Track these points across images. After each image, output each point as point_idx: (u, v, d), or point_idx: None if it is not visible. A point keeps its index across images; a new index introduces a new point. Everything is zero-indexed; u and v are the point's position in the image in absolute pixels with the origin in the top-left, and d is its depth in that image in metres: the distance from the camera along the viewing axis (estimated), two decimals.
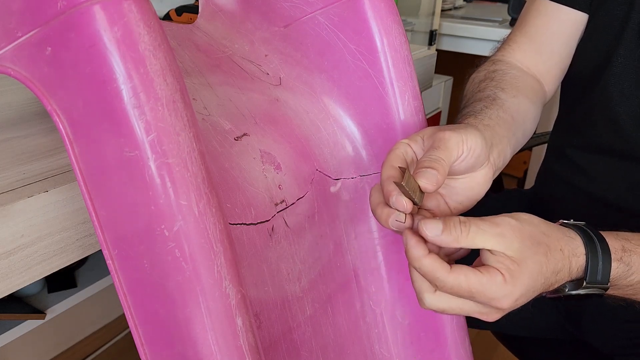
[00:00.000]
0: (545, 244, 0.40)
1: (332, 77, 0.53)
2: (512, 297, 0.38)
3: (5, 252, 0.36)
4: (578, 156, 0.67)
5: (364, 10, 0.49)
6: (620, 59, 0.59)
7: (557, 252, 0.41)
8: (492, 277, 0.38)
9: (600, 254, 0.42)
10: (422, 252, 0.38)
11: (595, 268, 0.42)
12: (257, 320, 0.43)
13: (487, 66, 0.64)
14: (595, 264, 0.42)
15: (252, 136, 0.47)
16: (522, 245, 0.39)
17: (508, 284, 0.38)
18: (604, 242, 0.43)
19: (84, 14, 0.29)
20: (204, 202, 0.32)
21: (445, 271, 0.38)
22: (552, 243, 0.41)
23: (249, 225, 0.43)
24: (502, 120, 0.51)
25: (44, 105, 0.32)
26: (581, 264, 0.42)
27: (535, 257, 0.39)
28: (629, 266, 0.43)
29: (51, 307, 1.11)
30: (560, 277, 0.41)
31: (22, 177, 0.39)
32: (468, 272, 0.38)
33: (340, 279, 0.53)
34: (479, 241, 0.38)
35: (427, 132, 0.44)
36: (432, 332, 0.56)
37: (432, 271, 0.38)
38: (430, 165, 0.40)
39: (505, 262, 0.38)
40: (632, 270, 0.43)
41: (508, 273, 0.38)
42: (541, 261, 0.39)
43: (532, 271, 0.39)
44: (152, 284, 0.33)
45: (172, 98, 0.31)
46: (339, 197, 0.53)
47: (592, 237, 0.43)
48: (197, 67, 0.50)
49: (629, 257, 0.43)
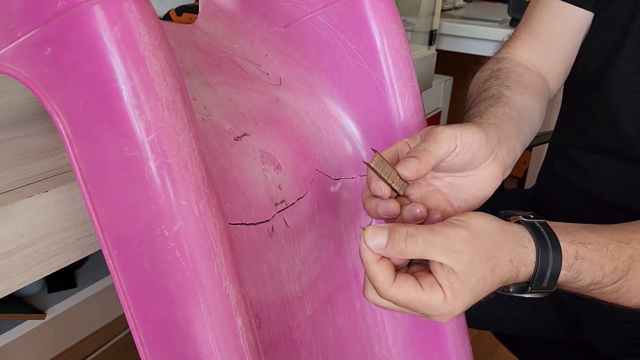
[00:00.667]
0: (495, 259, 0.39)
1: (332, 77, 0.53)
2: (450, 315, 0.38)
3: (5, 252, 0.36)
4: (579, 156, 0.67)
5: (364, 10, 0.49)
6: (624, 59, 0.59)
7: (506, 264, 0.40)
8: (433, 295, 0.37)
9: (551, 262, 0.41)
10: (370, 259, 0.38)
11: (543, 277, 0.41)
12: (257, 320, 0.43)
13: (492, 65, 0.65)
14: (543, 273, 0.41)
15: (252, 136, 0.47)
16: (471, 262, 0.38)
17: (448, 304, 0.37)
18: (557, 249, 0.42)
19: (84, 14, 0.29)
20: (204, 202, 0.32)
21: (387, 284, 0.38)
22: (503, 256, 0.40)
23: (249, 225, 0.43)
24: (508, 116, 0.51)
25: (44, 105, 0.32)
26: (529, 273, 0.41)
27: (481, 274, 0.38)
28: (578, 273, 0.42)
29: (51, 307, 1.11)
30: (505, 284, 0.41)
31: (22, 177, 0.39)
32: (409, 288, 0.38)
33: (340, 279, 0.53)
34: (427, 254, 0.37)
35: (426, 129, 0.44)
36: (432, 332, 0.56)
37: (374, 280, 0.38)
38: (413, 155, 0.40)
39: (450, 278, 0.37)
40: (580, 277, 0.43)
41: (450, 292, 0.37)
42: (486, 277, 0.39)
43: (475, 289, 0.38)
44: (152, 284, 0.33)
45: (172, 98, 0.31)
46: (339, 197, 0.53)
47: (546, 244, 0.42)
48: (197, 67, 0.50)
49: (579, 264, 0.42)
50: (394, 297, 0.38)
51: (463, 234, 0.38)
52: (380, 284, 0.38)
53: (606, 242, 0.44)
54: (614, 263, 0.43)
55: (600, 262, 0.43)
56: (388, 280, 0.38)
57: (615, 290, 0.44)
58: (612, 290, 0.44)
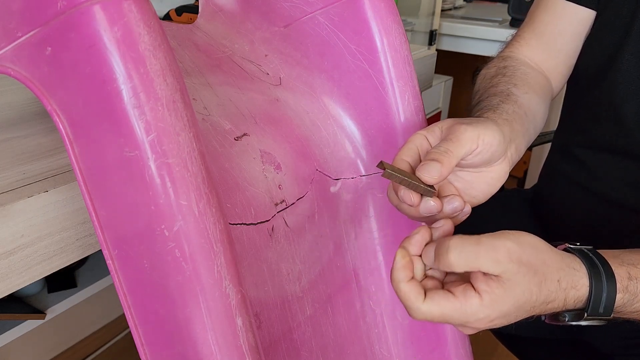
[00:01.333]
0: (543, 274, 0.39)
1: (332, 77, 0.53)
2: (487, 320, 0.38)
3: (5, 252, 0.36)
4: (582, 154, 0.66)
5: (364, 10, 0.49)
6: (627, 56, 0.59)
7: (553, 283, 0.39)
8: (466, 301, 0.37)
9: (605, 286, 0.40)
10: (402, 277, 0.38)
11: (598, 301, 0.40)
12: (257, 320, 0.43)
13: (497, 62, 0.65)
14: (599, 297, 0.40)
15: (252, 136, 0.47)
16: (517, 272, 0.37)
17: (485, 307, 0.37)
18: (609, 271, 0.41)
19: (84, 14, 0.29)
20: (204, 202, 0.32)
21: (418, 302, 0.38)
22: (550, 274, 0.39)
23: (249, 225, 0.43)
24: (517, 115, 0.51)
25: (44, 105, 0.32)
26: (580, 296, 0.40)
27: (526, 286, 0.38)
28: (634, 295, 0.41)
29: (51, 307, 1.11)
30: (551, 307, 0.40)
31: (22, 177, 0.39)
32: (441, 300, 0.37)
33: (340, 279, 0.53)
34: (474, 265, 0.37)
35: (446, 123, 0.43)
36: (432, 332, 0.56)
37: (405, 300, 0.38)
38: (435, 158, 0.39)
39: (492, 285, 0.37)
40: (637, 299, 0.42)
41: (489, 297, 0.37)
42: (532, 291, 0.38)
43: (519, 299, 0.38)
44: (152, 284, 0.33)
45: (172, 98, 0.31)
46: (339, 197, 0.53)
47: (597, 266, 0.41)
48: (197, 67, 0.50)
49: (634, 285, 0.41)
50: (428, 313, 0.37)
51: (510, 246, 0.38)
52: (412, 303, 0.38)
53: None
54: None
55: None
56: (419, 298, 0.38)
57: None
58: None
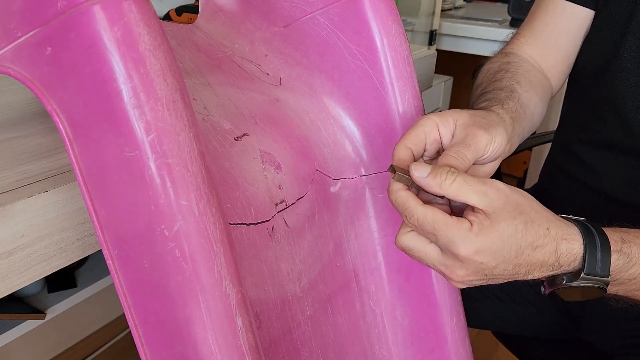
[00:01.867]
0: (529, 216, 0.40)
1: (332, 77, 0.53)
2: (471, 246, 0.38)
3: (5, 252, 0.36)
4: (583, 151, 0.66)
5: (364, 10, 0.49)
6: (626, 54, 0.59)
7: (541, 228, 0.40)
8: (459, 222, 0.38)
9: (599, 245, 0.41)
10: (399, 186, 0.40)
11: (594, 259, 0.41)
12: (257, 320, 0.43)
13: (500, 58, 0.65)
14: (594, 254, 0.41)
15: (252, 136, 0.47)
16: (503, 208, 0.39)
17: (472, 233, 0.38)
18: (602, 234, 0.42)
19: (84, 14, 0.29)
20: (204, 202, 0.32)
21: (417, 203, 0.39)
22: (539, 219, 0.40)
23: (249, 225, 0.43)
24: (518, 114, 0.52)
25: (44, 105, 0.32)
26: (574, 251, 0.41)
27: (511, 221, 0.39)
28: (629, 257, 0.42)
29: (51, 307, 1.11)
30: (542, 256, 0.40)
31: (22, 177, 0.39)
32: (437, 210, 0.39)
33: (340, 279, 0.53)
34: (462, 193, 0.38)
35: (462, 118, 0.43)
36: (432, 332, 0.56)
37: (404, 202, 0.39)
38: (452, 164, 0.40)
39: (479, 216, 0.38)
40: (632, 262, 0.42)
41: (478, 226, 0.38)
42: (517, 227, 0.39)
43: (503, 232, 0.38)
44: (152, 284, 0.33)
45: (172, 98, 0.31)
46: (339, 197, 0.53)
47: (590, 229, 0.42)
48: (197, 67, 0.50)
49: (628, 247, 0.42)
50: (422, 214, 0.39)
51: (500, 185, 0.39)
52: (411, 203, 0.39)
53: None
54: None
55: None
56: (418, 201, 0.39)
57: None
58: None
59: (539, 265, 0.40)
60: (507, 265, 0.39)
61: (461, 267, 0.40)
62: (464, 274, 0.40)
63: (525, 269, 0.40)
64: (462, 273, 0.40)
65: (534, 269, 0.40)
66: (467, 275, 0.40)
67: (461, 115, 0.43)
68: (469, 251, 0.38)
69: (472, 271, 0.40)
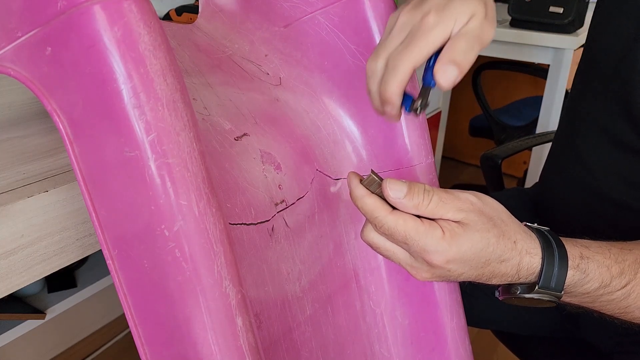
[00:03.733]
0: (501, 229, 0.40)
1: (332, 77, 0.53)
2: (444, 255, 0.38)
3: (5, 252, 0.36)
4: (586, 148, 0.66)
5: (364, 10, 0.49)
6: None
7: (510, 241, 0.40)
8: (431, 229, 0.38)
9: (557, 260, 0.41)
10: (364, 192, 0.39)
11: (550, 273, 0.41)
12: (257, 320, 0.43)
13: None
14: (550, 269, 0.41)
15: (252, 136, 0.47)
16: (478, 220, 0.39)
17: (445, 241, 0.38)
18: (562, 248, 0.42)
19: (84, 14, 0.29)
20: (204, 202, 0.32)
21: (386, 211, 0.38)
22: (508, 232, 0.40)
23: (249, 225, 0.43)
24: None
25: (44, 105, 0.32)
26: (534, 265, 0.41)
27: (484, 234, 0.39)
28: (585, 274, 0.42)
29: (51, 307, 1.11)
30: (505, 269, 0.41)
31: (22, 177, 0.39)
32: (408, 218, 0.38)
33: (340, 279, 0.53)
34: (438, 212, 0.38)
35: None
36: (432, 332, 0.56)
37: (372, 210, 0.39)
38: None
39: (452, 224, 0.38)
40: (588, 278, 0.42)
41: (450, 233, 0.38)
42: (490, 241, 0.39)
43: (476, 244, 0.39)
44: (152, 284, 0.33)
45: (172, 98, 0.31)
46: (339, 197, 0.53)
47: (551, 242, 0.42)
48: (197, 67, 0.50)
49: (586, 264, 0.42)
50: (393, 224, 0.38)
51: (473, 199, 0.40)
52: (380, 212, 0.38)
53: (607, 246, 0.44)
54: (620, 266, 0.43)
55: (605, 263, 0.43)
56: (387, 208, 0.39)
57: (625, 295, 0.44)
58: (622, 296, 0.44)
59: (501, 275, 0.41)
60: (472, 272, 0.41)
61: (428, 271, 0.41)
62: (429, 276, 0.41)
63: (487, 277, 0.41)
64: (428, 275, 0.41)
65: (495, 277, 0.42)
66: (432, 277, 0.41)
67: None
68: (440, 260, 0.39)
69: (438, 275, 0.41)
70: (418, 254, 0.39)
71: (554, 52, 1.40)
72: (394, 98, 0.40)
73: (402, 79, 0.40)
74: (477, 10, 0.40)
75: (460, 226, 0.38)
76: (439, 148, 1.80)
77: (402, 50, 0.39)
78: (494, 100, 1.98)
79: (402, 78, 0.40)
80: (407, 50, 0.39)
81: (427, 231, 0.38)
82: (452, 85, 0.39)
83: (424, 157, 0.53)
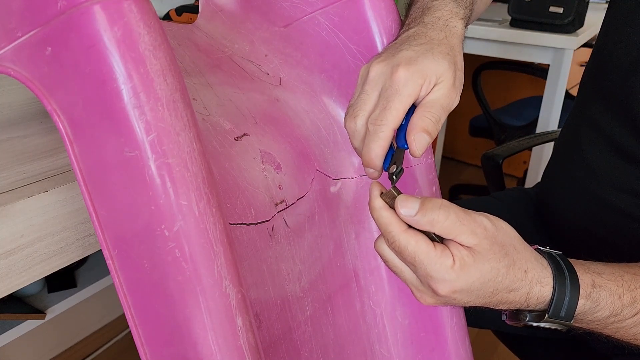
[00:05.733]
0: (512, 259, 0.39)
1: (332, 77, 0.53)
2: (451, 286, 0.38)
3: (5, 252, 0.36)
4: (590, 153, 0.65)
5: (364, 10, 0.49)
6: None
7: (520, 271, 0.40)
8: (442, 257, 0.37)
9: (569, 290, 0.41)
10: (382, 204, 0.39)
11: (560, 304, 0.40)
12: (257, 320, 0.43)
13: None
14: (561, 299, 0.40)
15: (252, 136, 0.47)
16: (490, 249, 0.38)
17: (453, 271, 0.37)
18: (574, 276, 0.41)
19: (84, 14, 0.29)
20: (204, 202, 0.32)
21: (400, 228, 0.38)
22: (519, 261, 0.40)
23: (249, 225, 0.43)
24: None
25: (44, 105, 0.32)
26: (544, 295, 0.41)
27: (495, 264, 0.38)
28: (596, 303, 0.42)
29: (51, 307, 1.11)
30: (514, 298, 0.40)
31: (22, 177, 0.39)
32: (421, 240, 0.37)
33: (340, 279, 0.53)
34: (452, 232, 0.37)
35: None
36: (432, 332, 0.56)
37: (386, 224, 0.38)
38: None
39: (463, 252, 0.38)
40: (599, 307, 0.42)
41: (460, 262, 0.37)
42: (500, 271, 0.39)
43: (485, 274, 0.38)
44: (152, 284, 0.33)
45: (172, 98, 0.31)
46: (339, 197, 0.53)
47: (563, 270, 0.41)
48: (197, 67, 0.50)
49: (597, 293, 0.42)
50: (404, 243, 0.38)
51: (487, 224, 0.39)
52: (394, 227, 0.38)
53: (620, 273, 0.43)
54: (632, 294, 0.42)
55: (617, 291, 0.42)
56: (402, 225, 0.38)
57: (636, 323, 0.43)
58: (632, 324, 0.43)
59: (509, 303, 0.41)
60: (479, 300, 0.40)
61: (432, 297, 0.40)
62: (432, 302, 0.40)
63: (494, 304, 0.41)
64: (432, 301, 0.40)
65: (503, 304, 0.41)
66: (436, 303, 0.40)
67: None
68: (447, 290, 0.38)
69: (442, 302, 0.40)
70: (424, 278, 0.39)
71: (554, 52, 1.40)
72: (376, 161, 0.40)
73: (383, 144, 0.40)
74: (446, 75, 0.40)
75: (471, 255, 0.38)
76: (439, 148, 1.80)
77: (380, 114, 0.40)
78: (494, 100, 1.98)
79: (384, 144, 0.40)
80: (385, 114, 0.39)
81: (438, 258, 0.37)
82: (424, 151, 0.40)
83: (424, 157, 0.53)
